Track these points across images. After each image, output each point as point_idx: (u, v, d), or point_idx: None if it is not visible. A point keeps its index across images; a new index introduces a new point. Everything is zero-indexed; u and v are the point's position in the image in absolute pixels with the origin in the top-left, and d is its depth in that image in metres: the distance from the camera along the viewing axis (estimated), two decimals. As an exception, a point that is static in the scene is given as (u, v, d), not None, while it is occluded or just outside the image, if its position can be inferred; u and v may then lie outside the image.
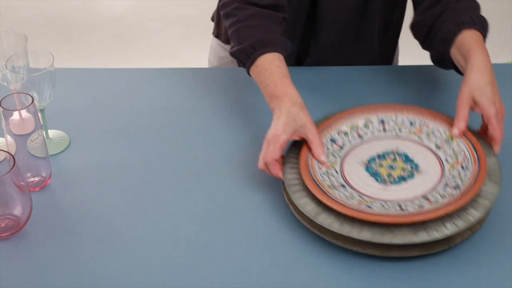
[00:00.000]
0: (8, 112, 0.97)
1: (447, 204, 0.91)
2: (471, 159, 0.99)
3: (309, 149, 1.02)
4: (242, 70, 1.37)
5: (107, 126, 1.21)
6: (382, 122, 1.09)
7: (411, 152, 1.05)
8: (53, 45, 3.10)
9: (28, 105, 0.98)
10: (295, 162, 1.01)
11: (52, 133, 1.17)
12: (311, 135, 1.01)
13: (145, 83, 1.31)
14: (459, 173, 0.99)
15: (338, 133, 1.08)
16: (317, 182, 0.96)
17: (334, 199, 0.93)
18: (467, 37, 1.10)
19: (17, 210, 0.95)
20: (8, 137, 0.99)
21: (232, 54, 1.14)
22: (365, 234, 0.90)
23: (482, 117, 1.03)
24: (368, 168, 1.03)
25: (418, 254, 0.92)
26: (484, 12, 1.17)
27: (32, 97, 0.98)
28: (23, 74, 1.07)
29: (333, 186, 0.98)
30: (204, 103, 1.27)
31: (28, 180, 1.04)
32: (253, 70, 1.11)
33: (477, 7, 1.17)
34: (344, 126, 1.08)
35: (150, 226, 1.00)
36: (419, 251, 0.92)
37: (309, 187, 0.95)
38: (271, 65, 1.08)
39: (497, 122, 1.01)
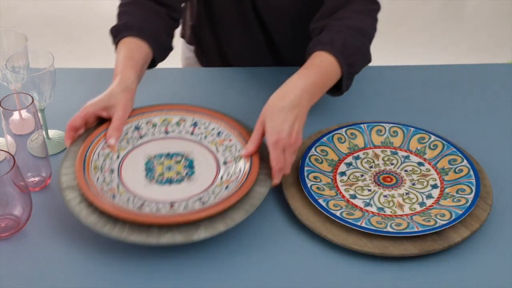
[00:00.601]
0: (8, 112, 0.97)
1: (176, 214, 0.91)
2: (237, 182, 0.98)
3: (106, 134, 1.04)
4: (241, 70, 1.37)
5: (107, 126, 1.21)
6: (195, 124, 1.09)
7: (200, 160, 1.04)
8: (53, 45, 3.11)
9: (28, 105, 0.98)
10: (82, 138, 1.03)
11: (52, 133, 1.17)
12: (116, 116, 1.03)
13: (144, 83, 1.31)
14: (219, 192, 0.97)
15: (147, 123, 1.08)
16: (86, 162, 0.98)
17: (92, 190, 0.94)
18: (312, 57, 1.06)
19: (17, 210, 0.95)
20: (8, 137, 0.99)
21: (109, 32, 1.17)
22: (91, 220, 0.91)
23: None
24: (148, 162, 1.03)
25: (417, 254, 0.92)
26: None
27: (32, 97, 0.98)
28: (23, 74, 1.07)
29: (100, 168, 0.99)
30: (203, 102, 1.27)
31: (28, 180, 1.04)
32: (118, 47, 1.13)
33: (362, 28, 1.10)
34: (157, 118, 1.09)
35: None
36: (418, 251, 0.92)
37: (76, 171, 0.96)
38: (125, 47, 1.11)
39: (274, 151, 0.96)
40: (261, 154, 1.02)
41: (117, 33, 1.14)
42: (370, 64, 1.38)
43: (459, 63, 2.07)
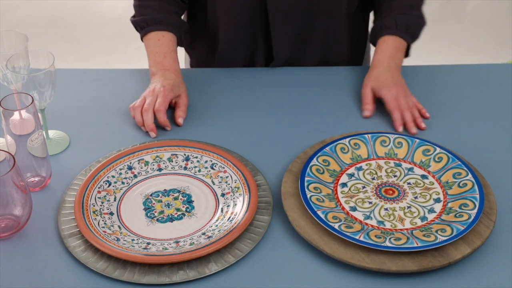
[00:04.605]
0: (8, 112, 0.97)
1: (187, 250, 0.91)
2: (239, 214, 0.98)
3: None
4: (242, 70, 1.37)
5: (107, 126, 1.21)
6: (187, 159, 1.09)
7: (197, 195, 1.04)
8: (53, 45, 3.10)
9: (28, 105, 0.98)
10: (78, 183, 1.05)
11: (52, 133, 1.17)
12: (182, 102, 1.22)
13: (145, 83, 1.31)
14: (222, 225, 0.98)
15: (138, 161, 1.09)
16: (84, 208, 0.98)
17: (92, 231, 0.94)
18: (383, 42, 1.28)
19: (17, 210, 0.95)
20: (8, 137, 0.99)
21: (132, 22, 1.33)
22: (101, 267, 0.91)
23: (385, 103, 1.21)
24: (146, 201, 1.03)
25: (416, 270, 0.89)
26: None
27: (32, 97, 0.98)
28: (23, 74, 1.07)
29: (99, 212, 0.99)
30: (203, 102, 1.27)
31: (28, 180, 1.04)
32: (146, 38, 1.30)
33: (416, 6, 1.33)
34: (148, 156, 1.10)
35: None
36: (417, 267, 0.89)
37: (76, 218, 0.96)
38: (164, 37, 1.29)
39: (394, 107, 1.19)
40: (259, 182, 1.04)
41: (146, 26, 1.29)
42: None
43: (459, 63, 2.06)
